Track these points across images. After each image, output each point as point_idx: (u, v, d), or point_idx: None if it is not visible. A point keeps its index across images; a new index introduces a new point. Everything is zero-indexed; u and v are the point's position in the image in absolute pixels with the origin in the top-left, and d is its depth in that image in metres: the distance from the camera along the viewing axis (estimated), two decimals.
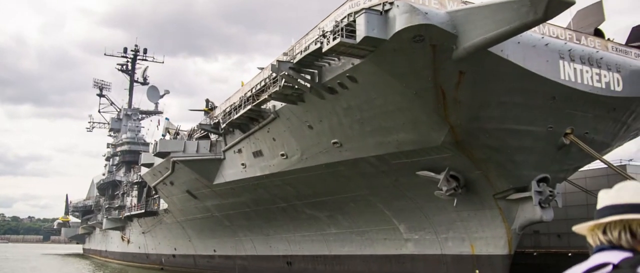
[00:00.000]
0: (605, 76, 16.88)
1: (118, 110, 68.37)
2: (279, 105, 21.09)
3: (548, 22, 16.95)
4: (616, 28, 38.27)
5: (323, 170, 21.82)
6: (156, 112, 65.86)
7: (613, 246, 1.85)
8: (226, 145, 27.15)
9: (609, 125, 18.13)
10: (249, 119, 23.46)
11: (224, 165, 28.00)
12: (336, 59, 16.87)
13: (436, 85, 15.51)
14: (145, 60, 68.83)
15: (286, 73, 17.85)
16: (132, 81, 68.42)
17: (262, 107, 22.08)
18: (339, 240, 26.19)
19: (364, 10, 14.38)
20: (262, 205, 28.47)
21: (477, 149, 17.22)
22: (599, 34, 19.85)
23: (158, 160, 32.34)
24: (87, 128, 70.25)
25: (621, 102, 17.36)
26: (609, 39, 19.08)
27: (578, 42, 17.23)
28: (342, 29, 14.70)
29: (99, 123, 70.20)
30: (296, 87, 18.67)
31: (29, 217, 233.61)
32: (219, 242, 36.52)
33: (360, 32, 14.36)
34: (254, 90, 22.55)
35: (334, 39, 14.85)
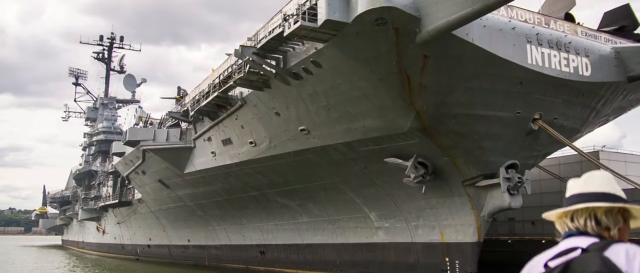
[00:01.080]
0: (573, 61, 16.60)
1: (94, 99, 67.22)
2: (246, 92, 20.62)
3: (516, 5, 16.75)
4: (593, 12, 38.06)
5: (292, 158, 21.42)
6: (133, 101, 64.87)
7: (580, 232, 1.96)
8: (196, 133, 26.62)
9: (577, 111, 17.89)
10: (216, 106, 22.94)
11: (194, 153, 27.48)
12: (300, 43, 16.41)
13: (401, 70, 15.13)
14: (122, 48, 67.68)
15: (250, 58, 17.38)
16: (109, 69, 67.21)
17: (229, 94, 21.59)
18: (311, 229, 25.85)
19: None
20: (234, 194, 28.02)
21: (444, 135, 16.89)
22: (569, 18, 19.60)
23: (129, 149, 31.72)
24: (63, 117, 68.91)
25: (589, 87, 17.11)
26: (578, 23, 18.85)
27: (547, 26, 16.92)
28: (304, 12, 14.26)
29: (75, 112, 68.90)
30: (261, 73, 18.22)
31: (10, 208, 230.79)
32: (193, 232, 36.04)
33: (321, 15, 13.92)
34: (221, 77, 22.02)
35: (295, 22, 14.40)
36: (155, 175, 31.82)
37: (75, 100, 68.66)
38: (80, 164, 66.12)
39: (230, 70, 20.71)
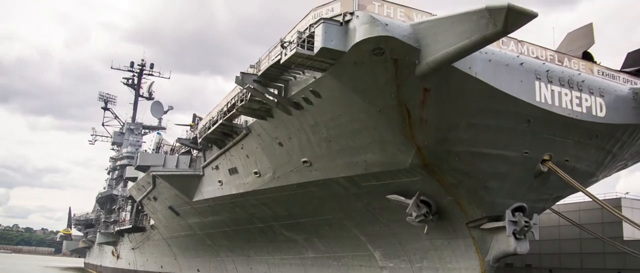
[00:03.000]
0: (586, 100, 15.76)
1: (122, 124, 68.05)
2: (250, 120, 20.27)
3: (528, 41, 16.11)
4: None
5: (295, 190, 20.83)
6: (159, 128, 65.34)
7: None
8: (205, 161, 26.32)
9: (591, 153, 16.92)
10: (223, 134, 22.64)
11: (203, 181, 27.15)
12: (301, 72, 16.03)
13: (400, 102, 14.52)
14: (152, 75, 68.63)
15: (251, 86, 17.03)
16: (137, 95, 68.14)
17: (234, 122, 21.28)
18: (317, 265, 25.03)
19: (322, 21, 13.52)
20: (241, 225, 27.49)
21: (447, 173, 16.11)
22: (587, 57, 18.79)
23: (141, 174, 31.61)
24: (90, 141, 69.83)
25: (604, 128, 16.18)
26: (596, 62, 18.03)
27: (560, 63, 16.18)
28: (302, 39, 13.88)
29: (102, 136, 69.79)
30: (263, 101, 17.85)
31: (43, 228, 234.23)
32: (203, 261, 35.51)
33: (318, 43, 13.48)
34: (229, 105, 21.74)
35: (291, 49, 14.02)
36: (166, 201, 31.57)
37: (103, 124, 69.66)
38: (104, 188, 66.70)
39: (236, 98, 20.42)
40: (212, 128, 22.07)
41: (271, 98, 17.33)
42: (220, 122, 21.10)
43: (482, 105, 14.57)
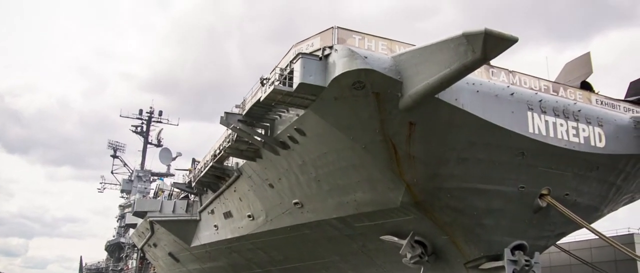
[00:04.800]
0: (584, 130, 15.01)
1: (130, 171, 67.90)
2: (241, 162, 19.75)
3: (520, 71, 15.50)
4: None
5: (288, 233, 20.11)
6: (168, 175, 64.99)
7: None
8: (201, 205, 25.73)
9: (593, 187, 16.03)
10: (215, 177, 22.11)
11: (199, 226, 26.51)
12: (285, 110, 15.53)
13: (385, 138, 13.90)
14: (160, 122, 68.78)
15: (236, 126, 16.56)
16: (146, 143, 68.09)
17: (225, 164, 20.77)
18: None
19: (300, 56, 13.08)
20: (239, 270, 26.68)
21: (440, 211, 15.31)
22: (586, 86, 18.13)
23: (140, 221, 31.07)
24: (99, 189, 69.59)
25: (605, 159, 15.35)
26: (596, 92, 17.34)
27: (555, 93, 15.51)
28: (283, 76, 13.45)
29: (111, 184, 69.59)
30: (250, 142, 17.35)
31: None
32: None
33: (296, 79, 13.02)
34: (221, 147, 21.27)
35: (270, 87, 13.56)
36: (166, 248, 30.90)
37: (112, 172, 69.52)
38: (113, 236, 66.17)
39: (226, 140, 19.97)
40: (204, 171, 21.56)
41: (257, 138, 16.83)
42: (210, 164, 20.62)
43: (472, 139, 13.89)
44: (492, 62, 14.80)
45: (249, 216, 21.24)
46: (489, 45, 10.43)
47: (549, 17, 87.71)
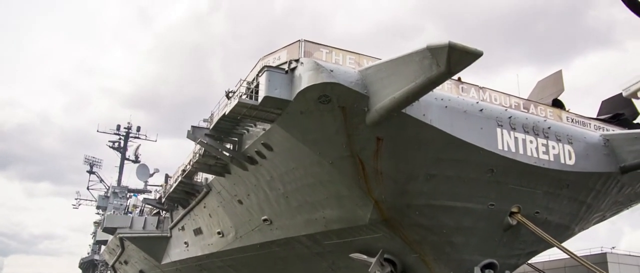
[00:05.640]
0: (554, 148, 14.88)
1: (107, 188, 66.83)
2: (211, 177, 19.34)
3: (490, 88, 15.38)
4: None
5: (258, 251, 19.68)
6: (144, 191, 64.07)
7: None
8: (172, 222, 25.20)
9: (564, 205, 15.89)
10: (185, 193, 21.65)
11: (170, 243, 25.92)
12: (253, 124, 15.22)
13: (353, 153, 13.64)
14: (138, 138, 67.93)
15: (203, 141, 16.20)
16: (123, 158, 67.14)
17: (195, 179, 20.36)
18: None
19: (266, 69, 12.82)
20: None
21: (408, 229, 15.03)
22: (558, 104, 18.11)
23: (110, 237, 30.37)
24: (74, 205, 68.36)
25: (575, 177, 15.22)
26: (567, 110, 17.30)
27: (526, 110, 15.40)
28: (251, 90, 13.18)
29: (87, 200, 68.40)
30: (218, 157, 16.99)
31: None
32: None
33: (262, 92, 12.74)
34: (191, 163, 20.86)
35: (235, 100, 13.28)
36: (136, 265, 30.22)
37: (88, 188, 68.36)
38: (88, 253, 64.97)
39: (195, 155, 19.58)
40: (173, 186, 21.10)
41: (225, 153, 16.49)
42: (179, 179, 20.17)
43: (441, 155, 13.67)
44: (463, 78, 14.78)
45: (219, 233, 20.79)
46: (454, 58, 10.23)
47: (531, 39, 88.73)
